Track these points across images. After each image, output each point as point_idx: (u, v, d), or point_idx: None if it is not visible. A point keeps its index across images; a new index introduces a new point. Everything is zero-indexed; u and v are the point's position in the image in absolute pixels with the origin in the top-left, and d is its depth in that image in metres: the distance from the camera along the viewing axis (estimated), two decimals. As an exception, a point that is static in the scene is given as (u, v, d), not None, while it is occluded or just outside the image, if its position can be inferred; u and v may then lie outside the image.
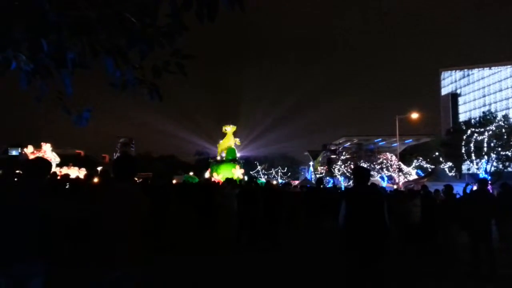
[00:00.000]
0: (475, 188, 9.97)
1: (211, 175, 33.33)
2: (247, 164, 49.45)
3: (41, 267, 3.31)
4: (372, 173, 42.50)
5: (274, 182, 28.54)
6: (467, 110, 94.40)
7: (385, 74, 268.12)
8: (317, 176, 47.35)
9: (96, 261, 3.27)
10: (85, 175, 13.88)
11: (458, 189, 12.95)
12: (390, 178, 42.60)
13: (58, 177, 10.50)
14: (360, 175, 5.39)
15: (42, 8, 2.10)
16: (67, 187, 8.39)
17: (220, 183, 20.38)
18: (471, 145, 35.16)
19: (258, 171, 57.49)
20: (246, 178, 30.97)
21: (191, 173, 35.09)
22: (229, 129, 37.91)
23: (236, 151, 38.18)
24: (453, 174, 38.01)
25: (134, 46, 2.56)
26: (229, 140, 37.72)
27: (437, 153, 41.68)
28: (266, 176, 57.33)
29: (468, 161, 38.34)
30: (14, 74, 2.47)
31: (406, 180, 36.69)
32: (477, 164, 36.01)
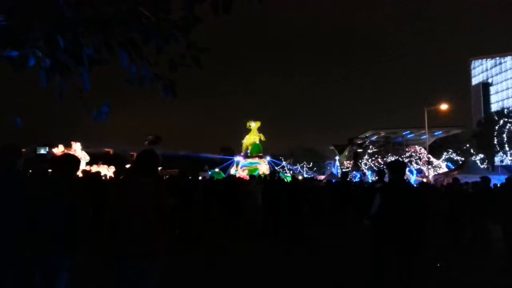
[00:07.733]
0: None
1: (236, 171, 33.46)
2: (272, 159, 49.35)
3: (69, 261, 3.38)
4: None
5: (300, 178, 28.41)
6: (499, 100, 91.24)
7: (412, 65, 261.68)
8: (343, 170, 46.82)
9: (122, 254, 3.33)
10: (114, 172, 14.44)
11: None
12: (420, 171, 41.58)
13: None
14: (397, 169, 5.21)
15: (57, 4, 2.13)
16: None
17: (246, 179, 20.47)
18: (504, 135, 34.02)
19: (283, 167, 57.30)
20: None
21: (216, 169, 35.31)
22: (254, 124, 37.82)
23: (261, 146, 38.12)
24: (485, 166, 36.82)
25: (150, 40, 2.57)
26: (254, 136, 37.67)
27: (468, 145, 40.49)
28: (291, 172, 57.10)
29: (501, 153, 37.11)
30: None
31: (436, 173, 35.74)
32: (511, 155, 34.78)
